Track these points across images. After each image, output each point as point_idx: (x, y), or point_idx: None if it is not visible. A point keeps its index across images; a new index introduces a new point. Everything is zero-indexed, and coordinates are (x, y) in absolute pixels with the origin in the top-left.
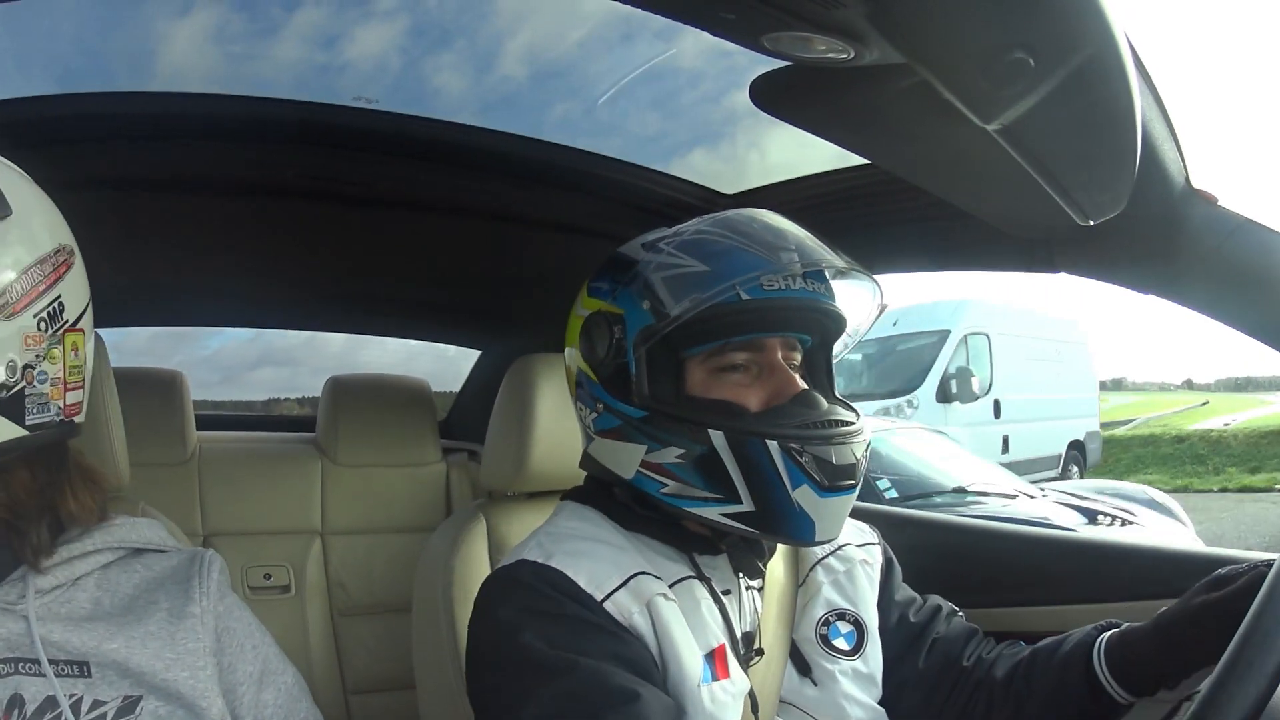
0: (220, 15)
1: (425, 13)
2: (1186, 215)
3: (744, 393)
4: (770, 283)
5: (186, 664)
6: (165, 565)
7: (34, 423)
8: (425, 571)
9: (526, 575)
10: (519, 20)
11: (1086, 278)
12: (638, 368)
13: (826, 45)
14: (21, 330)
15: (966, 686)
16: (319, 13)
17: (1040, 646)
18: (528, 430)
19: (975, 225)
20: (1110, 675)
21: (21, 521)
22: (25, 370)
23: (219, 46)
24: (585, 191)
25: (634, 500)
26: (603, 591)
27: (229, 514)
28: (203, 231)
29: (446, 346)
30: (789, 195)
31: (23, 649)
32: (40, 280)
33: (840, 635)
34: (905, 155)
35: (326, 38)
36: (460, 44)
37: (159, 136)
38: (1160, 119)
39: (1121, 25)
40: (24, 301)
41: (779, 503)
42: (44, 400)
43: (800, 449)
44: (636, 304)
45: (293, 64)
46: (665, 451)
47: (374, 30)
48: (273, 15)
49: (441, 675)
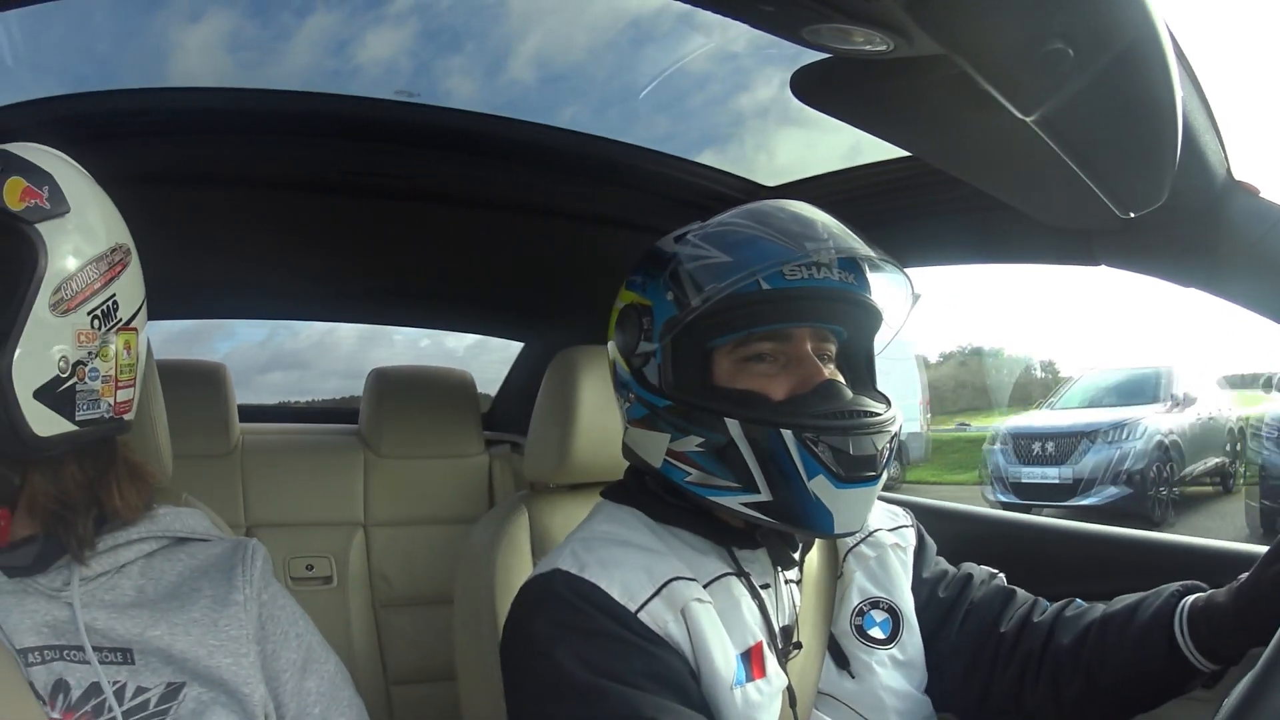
0: (233, 21)
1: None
2: (1228, 207)
3: (768, 383)
4: (793, 272)
5: (229, 650)
6: (209, 554)
7: (84, 419)
8: (467, 563)
9: (560, 587)
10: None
11: (1127, 270)
12: (663, 357)
13: (865, 37)
14: (75, 326)
15: (1016, 656)
16: (329, 18)
17: (1112, 614)
18: (570, 422)
19: (1015, 217)
20: (1194, 646)
21: (69, 513)
22: (77, 366)
23: (232, 53)
24: (626, 184)
25: (664, 489)
26: (636, 602)
27: (271, 505)
28: (243, 225)
29: (456, 347)
30: (830, 187)
31: (67, 635)
32: (96, 278)
33: (875, 624)
34: (944, 147)
35: (337, 42)
36: (470, 47)
37: (197, 131)
38: (1201, 109)
39: (1161, 14)
40: (79, 298)
41: (795, 493)
42: (94, 397)
43: (815, 439)
44: (662, 295)
45: (302, 69)
46: (687, 440)
47: (384, 35)
48: (283, 21)
49: (483, 666)
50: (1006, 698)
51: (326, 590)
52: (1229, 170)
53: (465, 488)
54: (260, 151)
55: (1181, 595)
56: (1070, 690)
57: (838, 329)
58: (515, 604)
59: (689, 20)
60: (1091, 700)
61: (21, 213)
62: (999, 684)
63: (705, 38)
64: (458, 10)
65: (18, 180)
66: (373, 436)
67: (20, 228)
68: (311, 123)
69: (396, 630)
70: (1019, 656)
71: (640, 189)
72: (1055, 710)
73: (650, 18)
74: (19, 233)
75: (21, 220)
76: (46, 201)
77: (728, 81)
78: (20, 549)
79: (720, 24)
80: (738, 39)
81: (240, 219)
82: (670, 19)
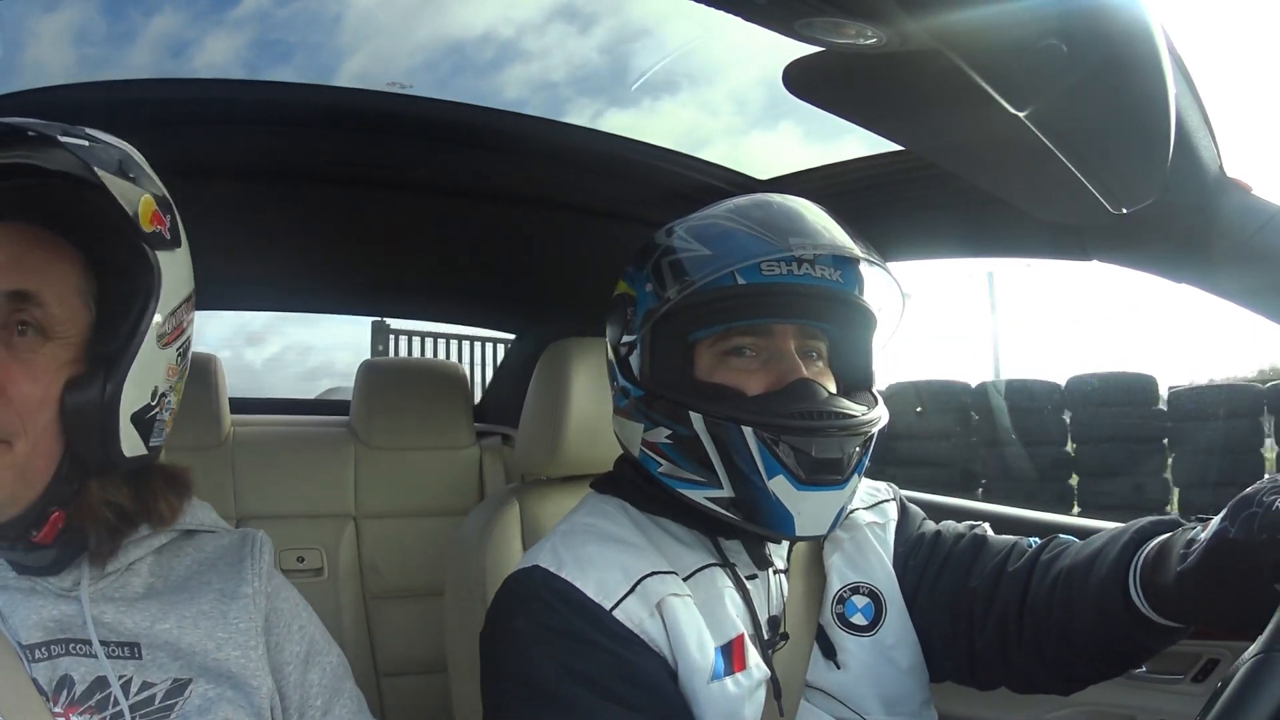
0: (85, 15)
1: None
2: (1220, 204)
3: (745, 378)
4: (770, 267)
5: (238, 643)
6: (216, 546)
7: (154, 444)
8: (458, 555)
9: (539, 585)
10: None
11: (1118, 265)
12: (641, 347)
13: (858, 31)
14: (167, 360)
15: (993, 613)
16: (174, 19)
17: (1076, 563)
18: (561, 414)
19: (1007, 212)
20: (1150, 606)
21: (123, 523)
22: (162, 397)
23: (77, 47)
24: (619, 176)
25: (641, 479)
26: (611, 600)
27: (263, 497)
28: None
29: None
30: (823, 180)
31: (74, 629)
32: (185, 316)
33: (857, 610)
34: (937, 141)
35: (178, 43)
36: (298, 59)
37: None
38: (1194, 106)
39: (1154, 10)
40: (174, 334)
41: (755, 492)
42: (162, 427)
43: (776, 438)
44: (643, 286)
45: (141, 69)
46: (657, 431)
47: (222, 39)
48: (132, 19)
49: (474, 658)
50: (994, 660)
51: (317, 582)
52: (1221, 167)
53: (456, 480)
54: (251, 143)
55: (1139, 543)
56: (1050, 649)
57: (826, 327)
58: (497, 598)
59: (511, 49)
60: (1073, 661)
61: (150, 236)
62: (981, 645)
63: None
64: (295, 22)
65: (150, 200)
66: (364, 429)
67: (147, 252)
68: (302, 114)
69: (387, 622)
70: (995, 613)
71: (633, 181)
72: (1045, 672)
73: (474, 44)
74: (145, 256)
75: (150, 244)
76: (169, 231)
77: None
78: (39, 550)
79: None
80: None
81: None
82: (493, 48)
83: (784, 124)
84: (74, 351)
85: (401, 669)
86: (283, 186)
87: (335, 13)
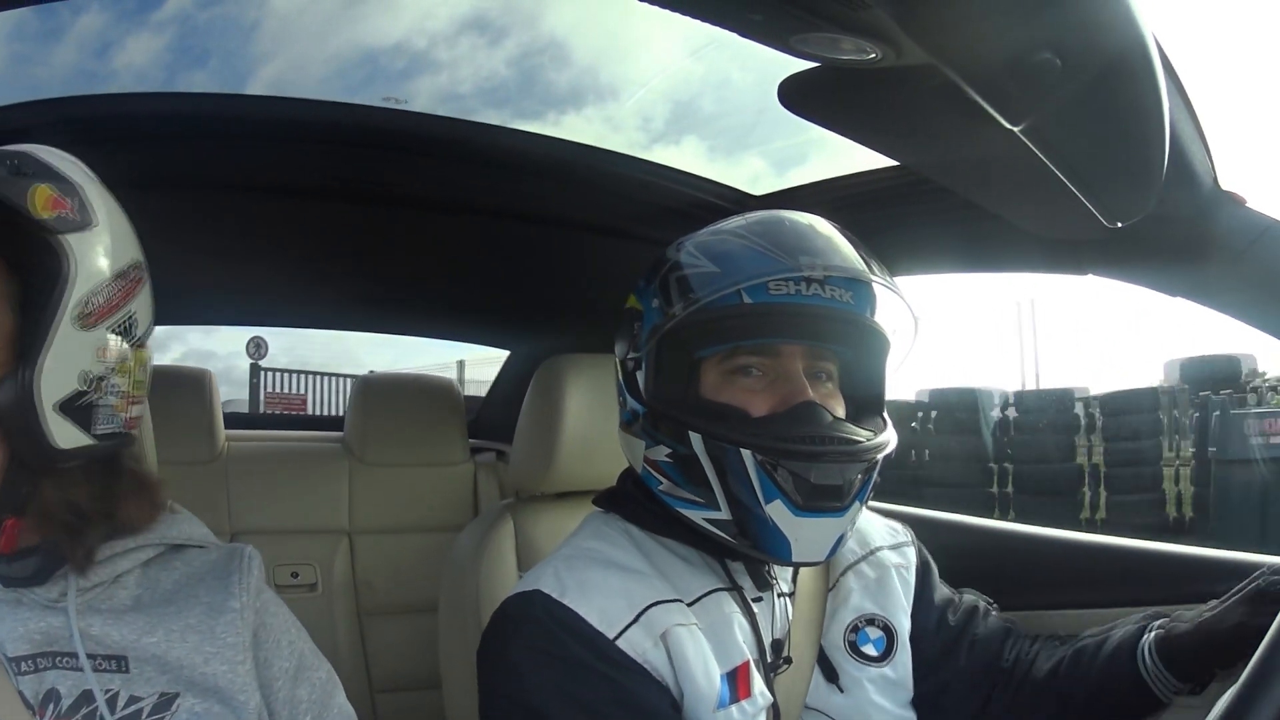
0: (18, 14)
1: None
2: (1215, 217)
3: (751, 398)
4: (778, 287)
5: (226, 658)
6: (205, 561)
7: (101, 433)
8: (452, 571)
9: (539, 611)
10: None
11: (1114, 279)
12: (646, 363)
13: (853, 46)
14: (97, 342)
15: (1009, 687)
16: (101, 19)
17: (1085, 642)
18: (555, 430)
19: (1003, 226)
20: (1160, 667)
21: (82, 524)
22: (98, 381)
23: (6, 45)
24: (613, 192)
25: (644, 495)
26: (614, 629)
27: (256, 513)
28: (229, 231)
29: None
30: (818, 196)
31: (61, 643)
32: (117, 294)
33: (869, 641)
34: (933, 156)
35: (102, 43)
36: (214, 64)
37: (183, 137)
38: (1188, 119)
39: (1149, 24)
40: (102, 313)
41: (752, 515)
42: (112, 413)
43: (774, 463)
44: (650, 301)
45: (64, 68)
46: (658, 449)
47: (144, 40)
48: (61, 18)
49: (468, 675)
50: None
51: (311, 598)
52: (1216, 180)
53: (450, 496)
54: (246, 158)
55: (1149, 622)
56: (1043, 713)
57: (838, 349)
58: (494, 619)
59: (421, 60)
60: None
61: (50, 222)
62: (992, 712)
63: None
64: (213, 26)
65: (46, 188)
66: (358, 444)
67: (48, 238)
68: (299, 129)
69: (381, 638)
70: (1011, 687)
71: (627, 197)
72: None
73: (388, 52)
74: (46, 243)
75: (50, 230)
76: (75, 212)
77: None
78: (20, 560)
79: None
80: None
81: (227, 225)
82: (405, 58)
83: (687, 139)
84: (2, 355)
85: (396, 685)
86: (275, 201)
87: (254, 19)
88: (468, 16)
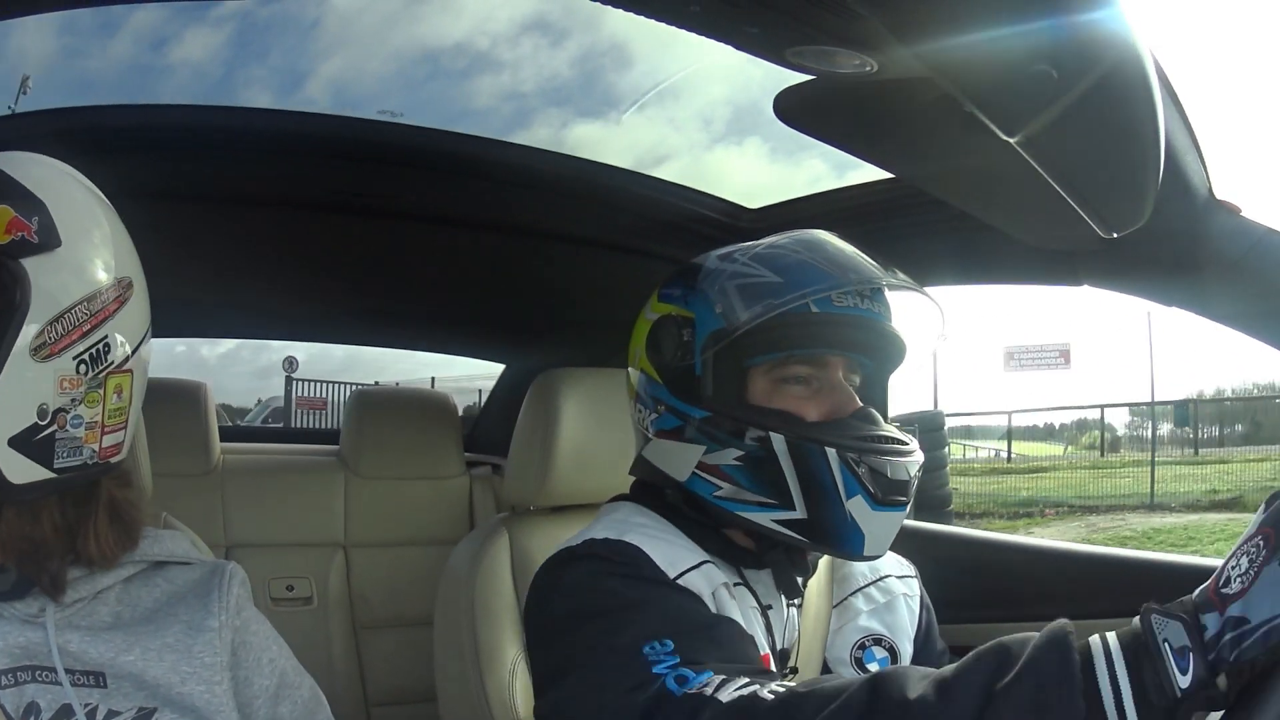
0: None
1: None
2: (1210, 226)
3: (803, 405)
4: (840, 299)
5: (203, 678)
6: (187, 578)
7: (64, 466)
8: (448, 585)
9: (599, 548)
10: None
11: (1110, 290)
12: (704, 369)
13: (849, 59)
14: (58, 373)
15: None
16: (158, 15)
17: None
18: (551, 444)
19: (998, 238)
20: None
21: (41, 555)
22: (57, 414)
23: (58, 37)
24: (608, 206)
25: (684, 502)
26: (676, 569)
27: (252, 525)
28: (225, 244)
29: None
30: (812, 209)
31: (40, 657)
32: (86, 319)
33: (875, 660)
34: (928, 168)
35: (158, 38)
36: (275, 59)
37: (178, 148)
38: (1183, 129)
39: (1143, 35)
40: (64, 342)
41: (832, 511)
42: (76, 445)
43: (858, 459)
44: (709, 308)
45: (116, 61)
46: (724, 453)
47: (201, 35)
48: (114, 11)
49: (464, 688)
50: None
51: (307, 611)
52: (1210, 190)
53: (446, 509)
54: (242, 169)
55: None
56: None
57: (866, 362)
58: (545, 572)
59: (482, 60)
60: None
61: (5, 247)
62: None
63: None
64: (273, 23)
65: (5, 210)
66: (353, 457)
67: (3, 263)
68: (294, 141)
69: (377, 652)
70: None
71: (622, 210)
72: None
73: (449, 52)
74: (5, 268)
75: (4, 255)
76: (35, 234)
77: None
78: None
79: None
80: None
81: (221, 237)
82: (467, 58)
83: (750, 140)
84: None
85: (391, 699)
86: (270, 213)
87: (314, 16)
88: (529, 18)
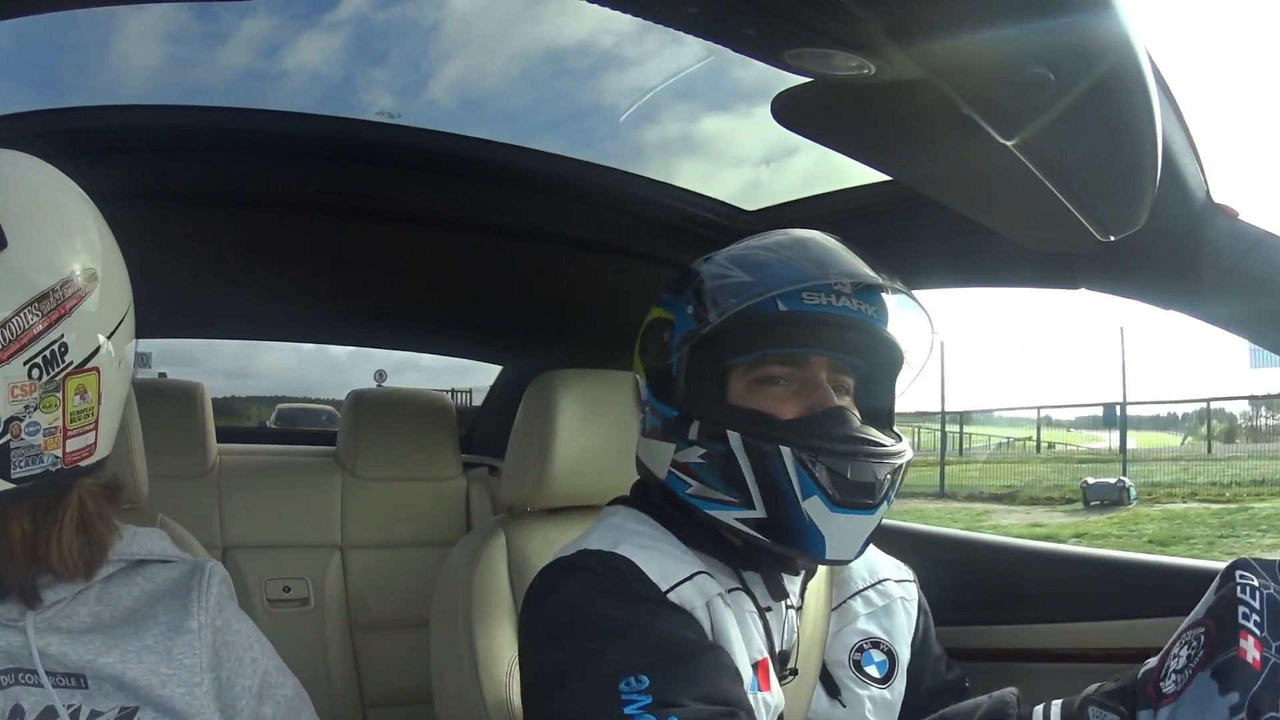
0: (173, 17)
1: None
2: (1207, 230)
3: (779, 405)
4: (811, 296)
5: (182, 680)
6: (166, 577)
7: (22, 475)
8: (444, 586)
9: (592, 561)
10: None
11: (1107, 293)
12: (678, 369)
13: (847, 61)
14: (8, 381)
15: None
16: (268, 22)
17: None
18: (548, 446)
19: (997, 241)
20: None
21: (7, 563)
22: (10, 423)
23: (164, 45)
24: (606, 208)
25: (666, 501)
26: (668, 583)
27: (249, 526)
28: (222, 245)
29: None
30: (809, 211)
31: (22, 660)
32: (36, 321)
33: (873, 663)
34: (926, 171)
35: (271, 45)
36: (395, 59)
37: (177, 149)
38: (1180, 133)
39: (1141, 39)
40: (12, 348)
41: (789, 512)
42: (34, 452)
43: (814, 459)
44: (683, 310)
45: (227, 70)
46: (690, 451)
47: (316, 40)
48: (224, 21)
49: (460, 689)
50: None
51: (303, 612)
52: (1208, 193)
53: (443, 510)
54: (239, 171)
55: None
56: None
57: (857, 362)
58: (540, 581)
59: (608, 57)
60: None
61: None
62: None
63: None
64: (390, 27)
65: None
66: (350, 458)
67: None
68: (293, 143)
69: (373, 653)
70: None
71: (620, 213)
72: None
73: (573, 51)
74: None
75: None
76: None
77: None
78: None
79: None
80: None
81: (219, 238)
82: (592, 56)
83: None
84: None
85: (388, 700)
86: (269, 214)
87: (434, 20)
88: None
